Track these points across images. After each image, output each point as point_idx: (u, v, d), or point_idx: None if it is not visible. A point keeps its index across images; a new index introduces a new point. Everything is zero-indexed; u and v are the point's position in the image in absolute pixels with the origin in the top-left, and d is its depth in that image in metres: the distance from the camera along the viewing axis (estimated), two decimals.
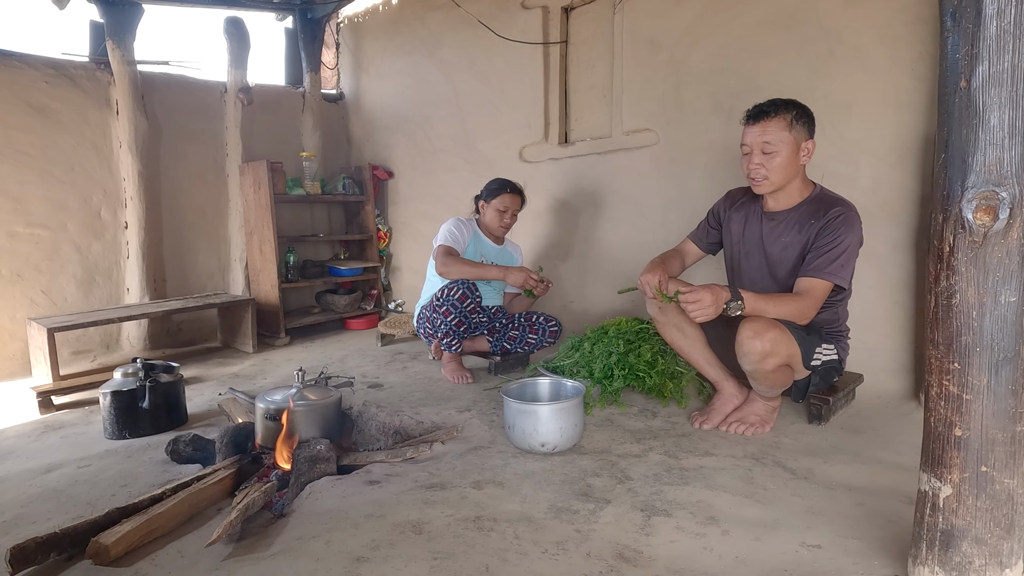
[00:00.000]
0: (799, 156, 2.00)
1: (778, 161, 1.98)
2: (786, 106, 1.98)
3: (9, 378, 3.34)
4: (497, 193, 2.99)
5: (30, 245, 3.48)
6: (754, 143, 2.00)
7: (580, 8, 3.52)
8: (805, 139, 1.99)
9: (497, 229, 3.04)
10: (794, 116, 1.96)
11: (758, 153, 2.00)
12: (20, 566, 1.42)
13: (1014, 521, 1.16)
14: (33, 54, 3.49)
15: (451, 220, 3.02)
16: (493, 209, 2.99)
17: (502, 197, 2.98)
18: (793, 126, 1.96)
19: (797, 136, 1.97)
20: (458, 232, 2.96)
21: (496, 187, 3.01)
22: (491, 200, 3.00)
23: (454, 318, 2.79)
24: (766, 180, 2.02)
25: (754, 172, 2.03)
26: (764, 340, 1.89)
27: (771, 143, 1.97)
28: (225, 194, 4.24)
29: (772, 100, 2.01)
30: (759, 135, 1.99)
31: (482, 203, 3.05)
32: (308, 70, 4.63)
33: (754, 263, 2.19)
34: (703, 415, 2.23)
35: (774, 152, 1.98)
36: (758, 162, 2.01)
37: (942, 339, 1.18)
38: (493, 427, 2.22)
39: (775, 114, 1.97)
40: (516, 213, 3.04)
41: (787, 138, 1.96)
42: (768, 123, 1.97)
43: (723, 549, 1.44)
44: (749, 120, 2.03)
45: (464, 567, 1.38)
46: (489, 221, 3.03)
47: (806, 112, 2.00)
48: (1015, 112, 1.07)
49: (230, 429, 2.12)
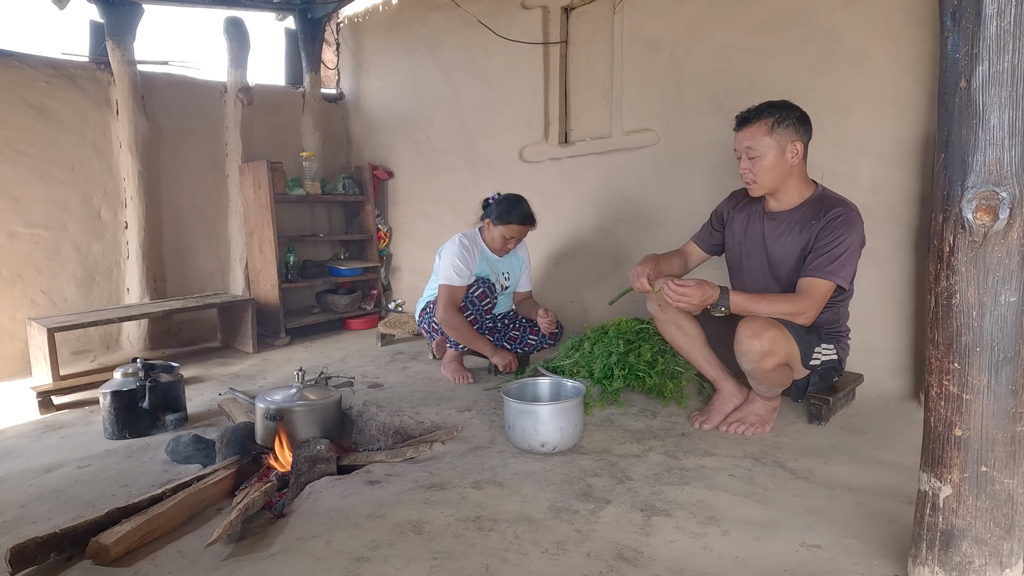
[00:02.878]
0: (786, 158, 2.00)
1: (763, 165, 2.01)
2: (770, 110, 1.99)
3: (9, 378, 3.34)
4: (508, 222, 2.76)
5: (30, 245, 3.48)
6: (740, 148, 2.05)
7: (580, 8, 3.52)
8: (792, 141, 1.99)
9: (498, 251, 2.89)
10: (776, 120, 1.97)
11: (745, 158, 2.04)
12: (20, 566, 1.42)
13: (1014, 521, 1.17)
14: (33, 54, 3.49)
15: (455, 248, 2.78)
16: (499, 233, 2.79)
17: (511, 227, 2.76)
18: (775, 130, 1.97)
19: (780, 139, 1.98)
20: (463, 264, 2.75)
21: (509, 216, 2.76)
22: (499, 225, 2.77)
23: (471, 315, 2.79)
24: (755, 184, 2.05)
25: (744, 176, 2.07)
26: (763, 339, 1.90)
27: (753, 148, 2.00)
28: (225, 194, 4.24)
29: (757, 105, 2.02)
30: (743, 140, 2.03)
31: (488, 222, 2.82)
32: (308, 70, 4.63)
33: (755, 263, 2.19)
34: (703, 415, 2.23)
35: (758, 157, 2.00)
36: (745, 167, 2.04)
37: (942, 339, 1.18)
38: (493, 427, 2.22)
39: (757, 119, 1.99)
40: (520, 240, 2.89)
41: (769, 143, 1.98)
42: (749, 129, 2.01)
43: (723, 549, 1.44)
44: (735, 126, 2.07)
45: (464, 567, 1.38)
46: (490, 241, 2.85)
47: (792, 114, 1.99)
48: (1015, 112, 1.07)
49: (230, 429, 2.12)
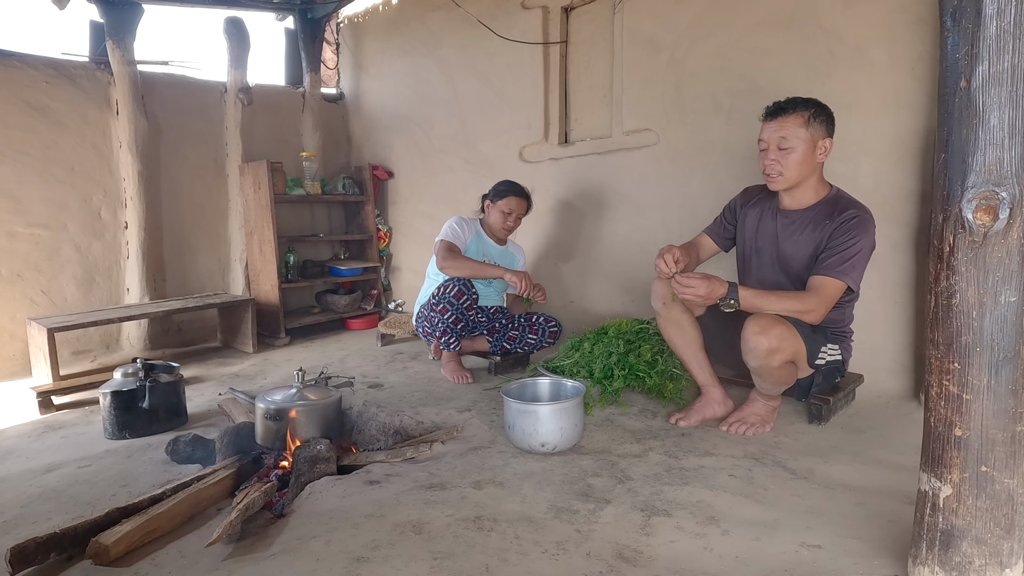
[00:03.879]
0: (815, 154, 2.00)
1: (793, 158, 1.99)
2: (805, 104, 1.99)
3: (9, 378, 3.34)
4: (504, 195, 3.01)
5: (30, 245, 3.48)
6: (770, 139, 2.01)
7: (580, 8, 3.52)
8: (822, 137, 2.00)
9: (500, 231, 3.05)
10: (812, 114, 1.97)
11: (774, 149, 2.01)
12: (20, 566, 1.42)
13: (1014, 521, 1.16)
14: (33, 54, 3.49)
15: (454, 218, 3.03)
16: (498, 210, 3.01)
17: (508, 199, 3.00)
18: (811, 124, 1.97)
19: (814, 134, 1.98)
20: (460, 229, 2.98)
21: (503, 189, 3.03)
22: (497, 201, 3.02)
23: (451, 315, 2.79)
24: (781, 176, 2.02)
25: (769, 168, 2.03)
26: (770, 337, 1.89)
27: (787, 139, 1.98)
28: (225, 194, 4.24)
29: (792, 98, 2.01)
30: (776, 131, 2.00)
31: (488, 203, 3.07)
32: (308, 70, 4.63)
33: (765, 259, 2.19)
34: (681, 412, 2.25)
35: (790, 148, 1.98)
36: (773, 158, 2.01)
37: (942, 339, 1.18)
38: (493, 427, 2.22)
39: (793, 111, 1.98)
40: (520, 217, 3.06)
41: (804, 135, 1.97)
42: (786, 119, 1.98)
43: (723, 549, 1.44)
44: (767, 116, 2.04)
45: (464, 567, 1.38)
46: (493, 222, 3.05)
47: (825, 111, 2.00)
48: (1015, 112, 1.07)
49: (230, 429, 2.12)
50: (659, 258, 2.05)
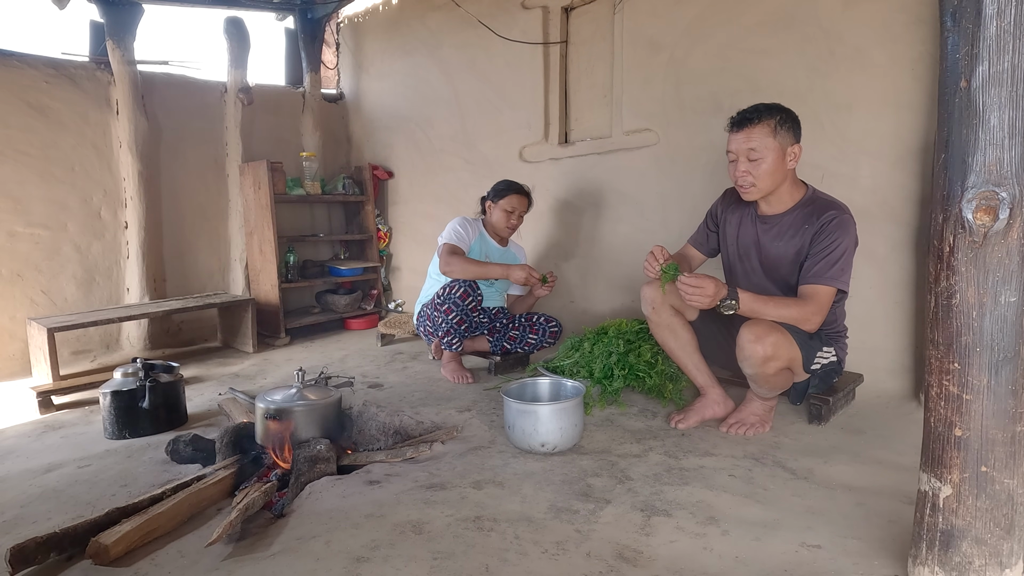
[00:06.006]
0: (785, 161, 1.97)
1: (764, 168, 1.96)
2: (769, 112, 1.95)
3: (9, 378, 3.34)
4: (505, 194, 3.00)
5: (30, 245, 3.48)
6: (739, 150, 1.98)
7: (580, 8, 3.52)
8: (791, 144, 1.97)
9: (503, 230, 3.04)
10: (778, 121, 1.94)
11: (744, 160, 1.98)
12: (20, 566, 1.42)
13: (1014, 521, 1.16)
14: (33, 54, 3.49)
15: (457, 219, 3.01)
16: (500, 210, 2.99)
17: (509, 198, 2.99)
18: (778, 132, 1.93)
19: (782, 141, 1.95)
20: (463, 231, 2.95)
21: (504, 188, 3.02)
22: (498, 201, 3.00)
23: (456, 316, 2.79)
24: (753, 187, 2.00)
25: (741, 179, 2.00)
26: (765, 344, 1.89)
27: (756, 150, 1.94)
28: (225, 194, 4.24)
29: (755, 106, 1.98)
30: (744, 142, 1.96)
31: (489, 203, 3.06)
32: (308, 70, 4.62)
33: (749, 265, 2.19)
34: (680, 414, 2.24)
35: (759, 159, 1.95)
36: (744, 169, 1.98)
37: (942, 339, 1.18)
38: (493, 427, 2.22)
39: (759, 120, 1.94)
40: (523, 215, 3.05)
41: (772, 144, 1.94)
42: (752, 129, 1.94)
43: (723, 549, 1.44)
44: (733, 127, 2.00)
45: (464, 567, 1.38)
46: (496, 221, 3.03)
47: (791, 116, 1.97)
48: (1015, 112, 1.06)
49: (230, 429, 2.12)
50: (646, 261, 2.05)
